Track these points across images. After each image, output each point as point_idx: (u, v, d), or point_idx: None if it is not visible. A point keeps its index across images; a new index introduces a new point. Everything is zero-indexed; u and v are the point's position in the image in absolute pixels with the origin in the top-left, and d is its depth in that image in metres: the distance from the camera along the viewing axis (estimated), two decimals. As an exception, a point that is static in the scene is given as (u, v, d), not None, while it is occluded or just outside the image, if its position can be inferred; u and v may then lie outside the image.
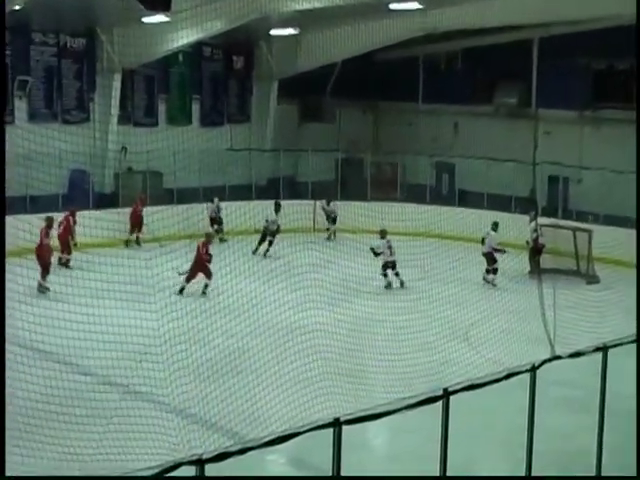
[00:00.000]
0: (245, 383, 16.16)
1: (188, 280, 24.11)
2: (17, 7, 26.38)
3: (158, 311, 16.04)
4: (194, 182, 32.06)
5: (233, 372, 16.96)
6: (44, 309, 16.67)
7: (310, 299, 19.17)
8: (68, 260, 26.38)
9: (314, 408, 13.39)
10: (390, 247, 25.84)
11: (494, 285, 26.42)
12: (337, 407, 12.22)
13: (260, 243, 29.77)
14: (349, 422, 8.69)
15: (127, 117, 33.61)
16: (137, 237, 30.36)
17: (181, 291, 23.66)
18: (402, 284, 26.01)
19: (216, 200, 31.58)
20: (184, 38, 31.28)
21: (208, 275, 24.12)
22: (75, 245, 26.58)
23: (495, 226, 27.16)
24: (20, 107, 31.29)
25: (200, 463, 7.79)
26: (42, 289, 23.30)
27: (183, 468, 7.49)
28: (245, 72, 37.61)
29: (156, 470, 7.69)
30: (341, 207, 32.81)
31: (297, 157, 36.20)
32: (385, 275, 26.16)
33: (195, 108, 36.20)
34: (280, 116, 37.31)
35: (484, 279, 26.82)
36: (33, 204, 28.03)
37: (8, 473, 11.20)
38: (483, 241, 27.22)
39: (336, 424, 8.60)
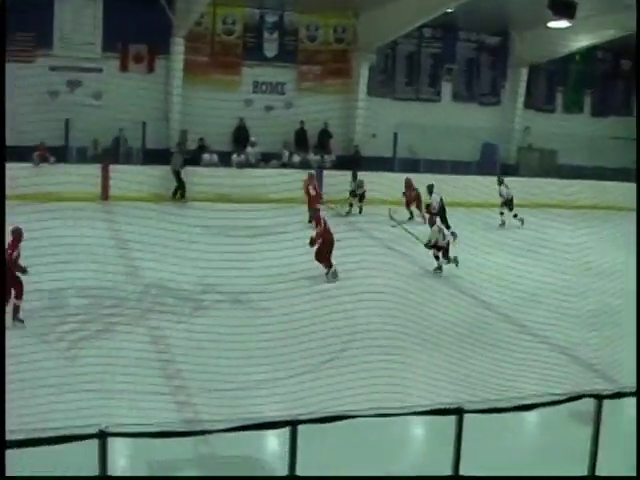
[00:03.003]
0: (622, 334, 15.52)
1: None
2: (449, 10, 26.81)
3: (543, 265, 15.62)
4: (581, 161, 30.99)
5: (614, 323, 16.30)
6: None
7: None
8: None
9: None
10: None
11: None
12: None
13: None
14: None
15: (530, 103, 33.09)
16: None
17: None
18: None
19: None
20: (581, 42, 30.48)
21: None
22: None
23: None
24: (446, 89, 31.87)
25: (599, 398, 7.50)
26: None
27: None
28: (629, 74, 35.83)
29: (558, 398, 7.49)
30: None
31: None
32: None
33: (587, 100, 34.88)
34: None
35: None
36: (454, 167, 28.20)
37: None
38: None
39: None
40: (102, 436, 5.67)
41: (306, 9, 28.93)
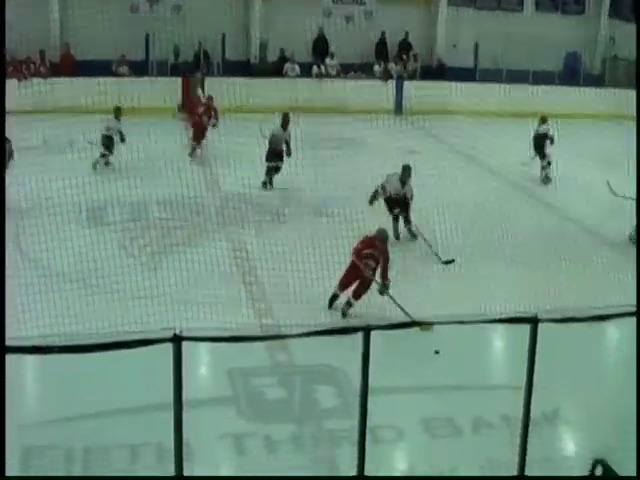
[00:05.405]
0: None
1: None
2: None
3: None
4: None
5: None
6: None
7: None
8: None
9: None
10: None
11: None
12: None
13: None
14: None
15: (615, 12, 31.17)
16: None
17: None
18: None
19: None
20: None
21: None
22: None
23: None
24: (527, -1, 30.71)
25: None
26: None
27: None
28: None
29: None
30: None
31: None
32: None
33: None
34: None
35: None
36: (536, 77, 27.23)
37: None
38: None
39: None
40: (177, 340, 5.57)
41: None
